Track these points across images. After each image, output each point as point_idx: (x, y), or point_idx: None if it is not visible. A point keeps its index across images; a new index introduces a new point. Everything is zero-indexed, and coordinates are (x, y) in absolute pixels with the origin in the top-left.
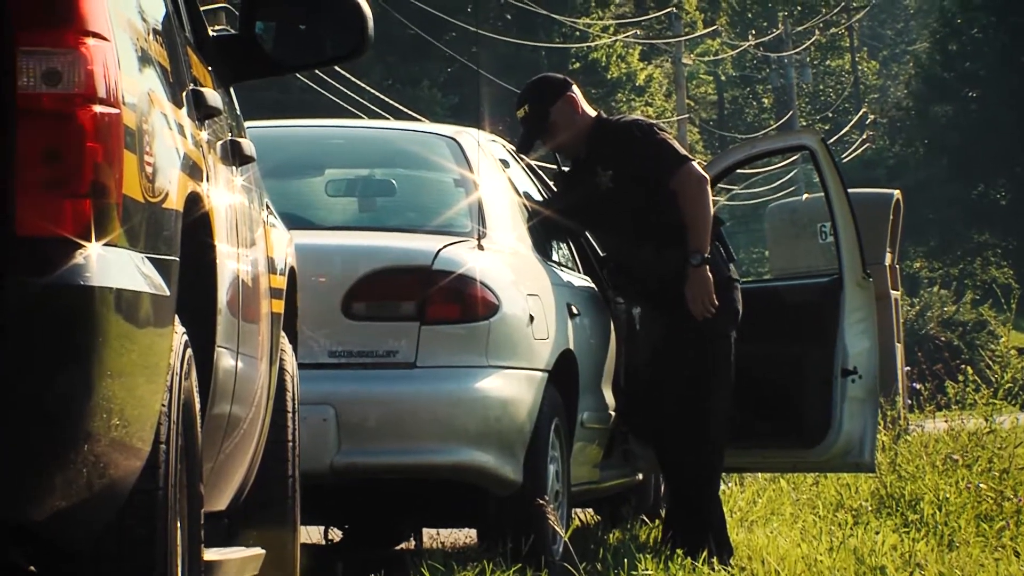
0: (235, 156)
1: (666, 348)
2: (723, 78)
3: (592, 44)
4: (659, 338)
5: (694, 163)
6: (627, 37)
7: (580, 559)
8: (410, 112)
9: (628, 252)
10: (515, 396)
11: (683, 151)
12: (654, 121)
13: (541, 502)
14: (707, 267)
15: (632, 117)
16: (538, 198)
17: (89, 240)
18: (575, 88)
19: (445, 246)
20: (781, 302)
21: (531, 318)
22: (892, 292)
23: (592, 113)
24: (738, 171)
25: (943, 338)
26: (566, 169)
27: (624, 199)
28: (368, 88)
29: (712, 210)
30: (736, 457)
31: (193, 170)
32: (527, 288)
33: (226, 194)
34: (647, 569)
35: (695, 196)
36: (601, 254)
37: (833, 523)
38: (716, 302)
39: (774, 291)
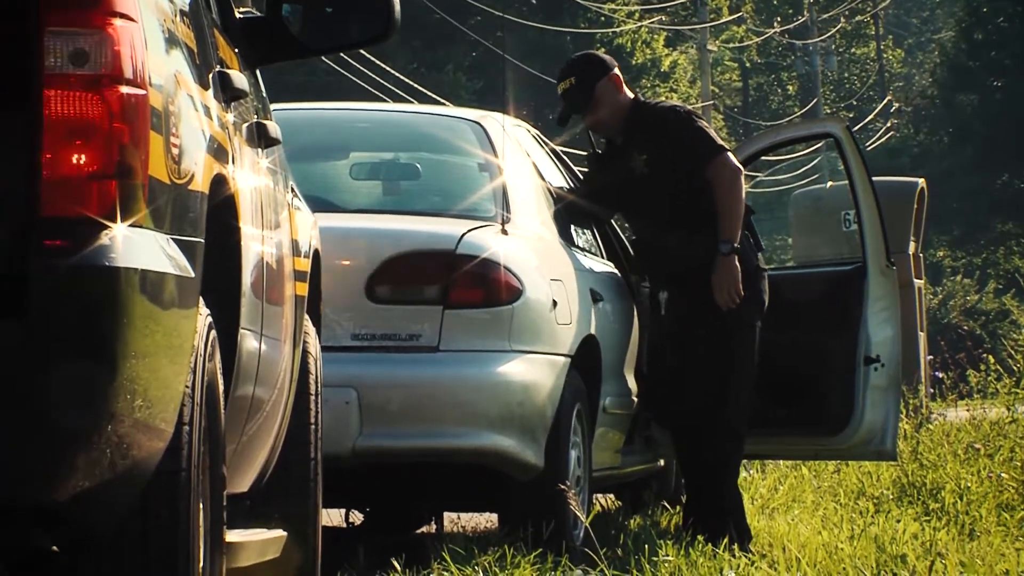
0: (260, 138)
1: (690, 334)
2: (748, 65)
3: (617, 30)
4: (684, 323)
5: (729, 153)
6: (652, 23)
7: (601, 545)
8: (435, 96)
9: (659, 237)
10: (537, 381)
11: (719, 140)
12: (692, 108)
13: (562, 487)
14: (736, 257)
15: (671, 103)
16: (562, 183)
17: (114, 221)
18: (617, 69)
19: (469, 230)
20: (805, 290)
21: (554, 303)
22: (916, 281)
23: (631, 96)
24: (763, 158)
25: (966, 327)
26: (600, 152)
27: (658, 184)
28: (393, 72)
29: (742, 199)
30: (758, 444)
31: (219, 152)
32: (550, 273)
33: (251, 176)
34: (668, 555)
35: (729, 186)
36: (632, 237)
37: (854, 511)
38: (742, 292)
39: (798, 278)
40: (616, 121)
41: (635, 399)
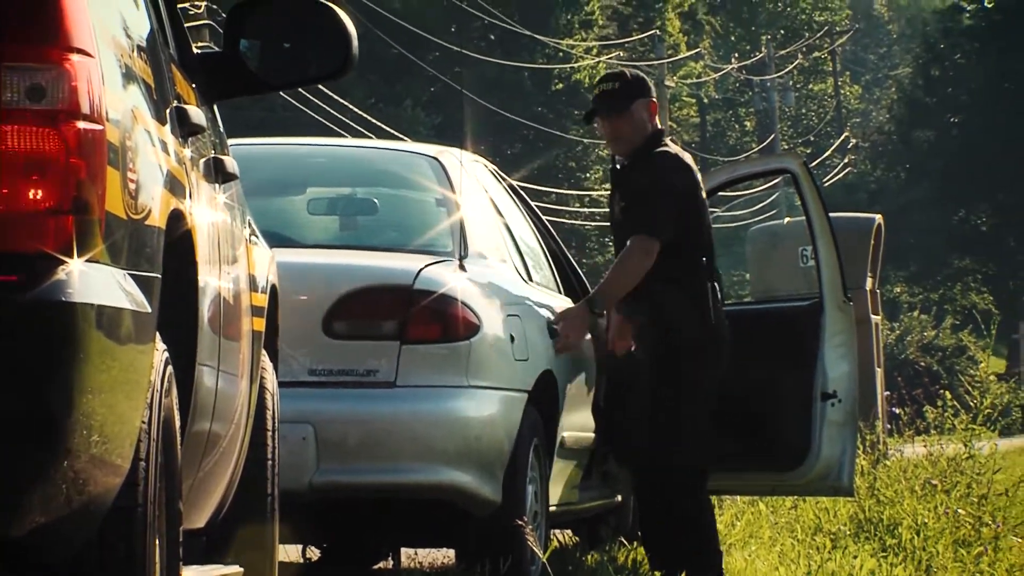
0: (218, 173)
1: (635, 363)
2: (706, 101)
3: (575, 65)
4: (640, 353)
5: (652, 240)
6: (610, 59)
7: None
8: (393, 131)
9: None
10: (495, 416)
11: (658, 222)
12: (678, 176)
13: (519, 523)
14: (594, 315)
15: (666, 160)
16: (519, 219)
17: (71, 256)
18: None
19: (426, 266)
20: (762, 325)
21: (511, 338)
22: (872, 316)
23: (656, 129)
24: (720, 194)
25: (923, 363)
26: (613, 168)
27: (624, 230)
28: (351, 107)
29: (632, 284)
30: (715, 480)
31: (176, 187)
32: (508, 308)
33: (208, 211)
34: None
35: (630, 262)
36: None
37: (811, 547)
38: (577, 346)
39: (755, 314)
40: (631, 144)
41: (592, 434)
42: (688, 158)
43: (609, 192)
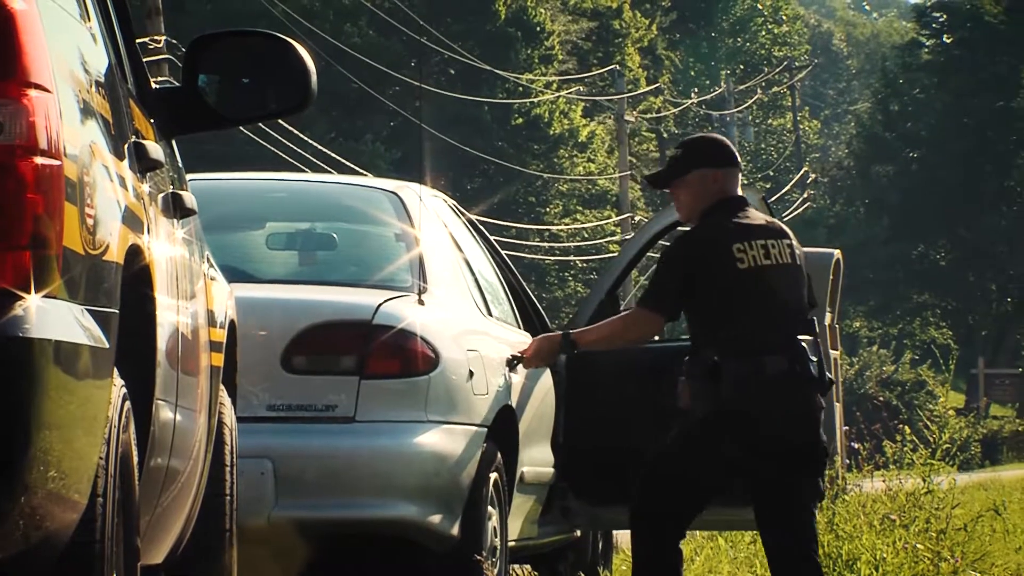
0: (176, 209)
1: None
2: (665, 135)
3: (535, 100)
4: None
5: (647, 311)
6: (570, 93)
7: None
8: (353, 166)
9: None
10: (454, 451)
11: (654, 293)
12: (681, 246)
13: (479, 558)
14: (564, 350)
15: (685, 232)
16: (479, 254)
17: (28, 292)
18: (731, 171)
19: (385, 300)
20: None
21: (471, 373)
22: (832, 351)
23: (717, 200)
24: (678, 228)
25: (882, 397)
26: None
27: None
28: (311, 141)
29: (615, 345)
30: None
31: (134, 222)
32: (467, 343)
33: (167, 247)
34: None
35: (620, 324)
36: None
37: None
38: (530, 365)
39: None
40: (689, 216)
41: (552, 469)
42: (720, 232)
43: None
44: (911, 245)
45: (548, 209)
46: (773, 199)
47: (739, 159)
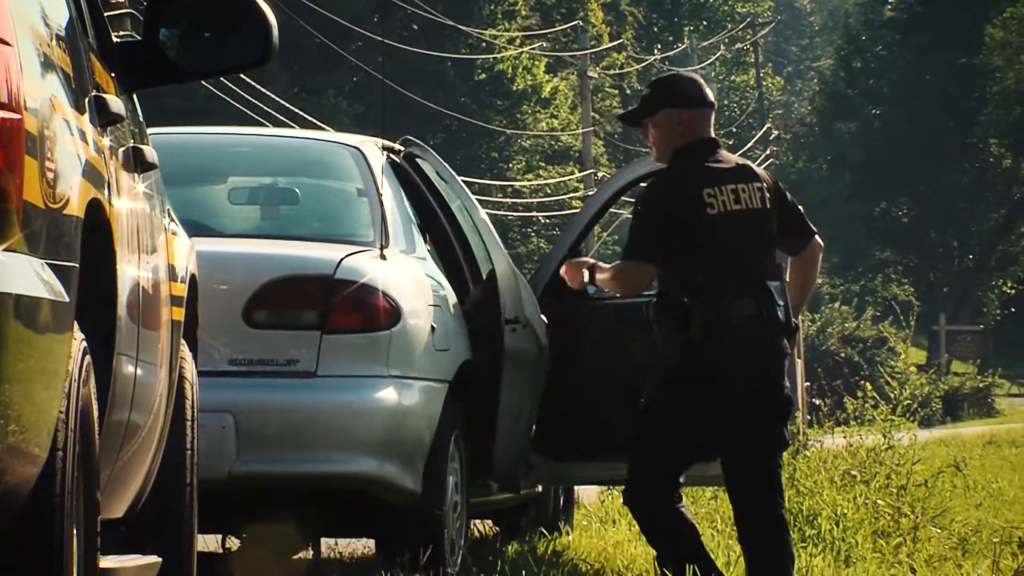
0: (137, 163)
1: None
2: (628, 92)
3: (498, 56)
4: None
5: (637, 263)
6: (533, 49)
7: (478, 571)
8: (315, 121)
9: None
10: (415, 406)
11: (639, 243)
12: (653, 192)
13: (439, 513)
14: (582, 282)
15: (655, 179)
16: (439, 210)
17: None
18: (700, 112)
19: (348, 255)
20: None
21: (432, 328)
22: None
23: (687, 142)
24: (641, 184)
25: (843, 354)
26: None
27: None
28: (273, 96)
29: (616, 289)
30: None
31: (94, 176)
32: (429, 299)
33: (127, 201)
34: None
35: (616, 278)
36: None
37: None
38: (571, 283)
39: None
40: (660, 156)
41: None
42: (690, 177)
43: None
44: (873, 202)
45: (511, 165)
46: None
47: (712, 99)
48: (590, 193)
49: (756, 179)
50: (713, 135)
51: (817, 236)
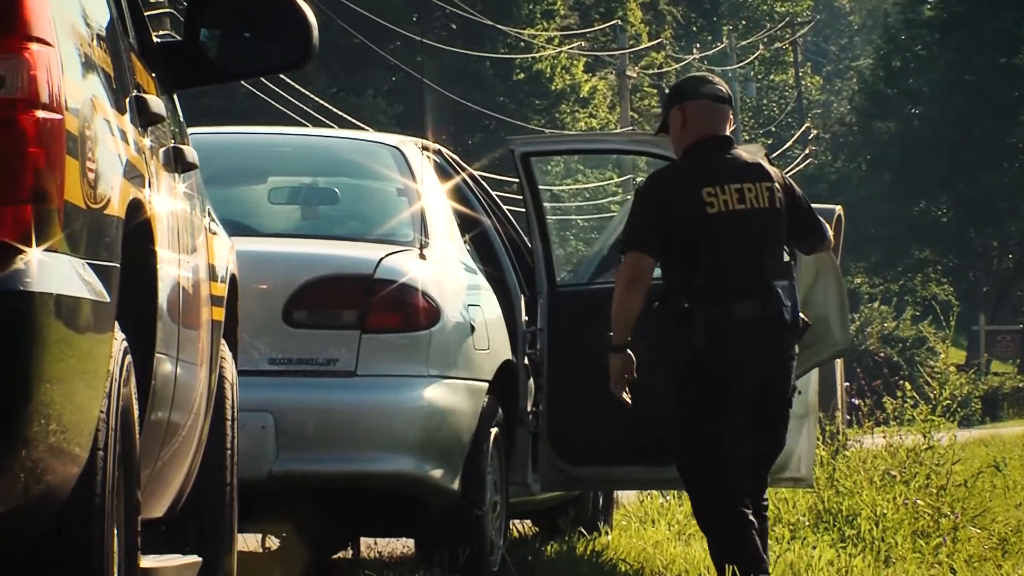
0: (178, 163)
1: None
2: (667, 91)
3: (537, 55)
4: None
5: (634, 255)
6: (572, 49)
7: (517, 571)
8: (354, 121)
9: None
10: (455, 406)
11: (635, 236)
12: (651, 182)
13: (479, 513)
14: (620, 356)
15: (655, 172)
16: (480, 209)
17: (29, 245)
18: (701, 105)
19: (387, 255)
20: None
21: (472, 328)
22: None
23: (697, 139)
24: None
25: (883, 354)
26: None
27: None
28: (312, 96)
29: (629, 306)
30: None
31: (135, 176)
32: (468, 298)
33: (168, 201)
34: None
35: (618, 287)
36: None
37: (771, 538)
38: (627, 391)
39: None
40: (677, 156)
41: None
42: (691, 174)
43: None
44: (913, 201)
45: (550, 167)
46: (775, 155)
47: (721, 93)
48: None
49: (766, 178)
50: (727, 133)
51: (830, 237)
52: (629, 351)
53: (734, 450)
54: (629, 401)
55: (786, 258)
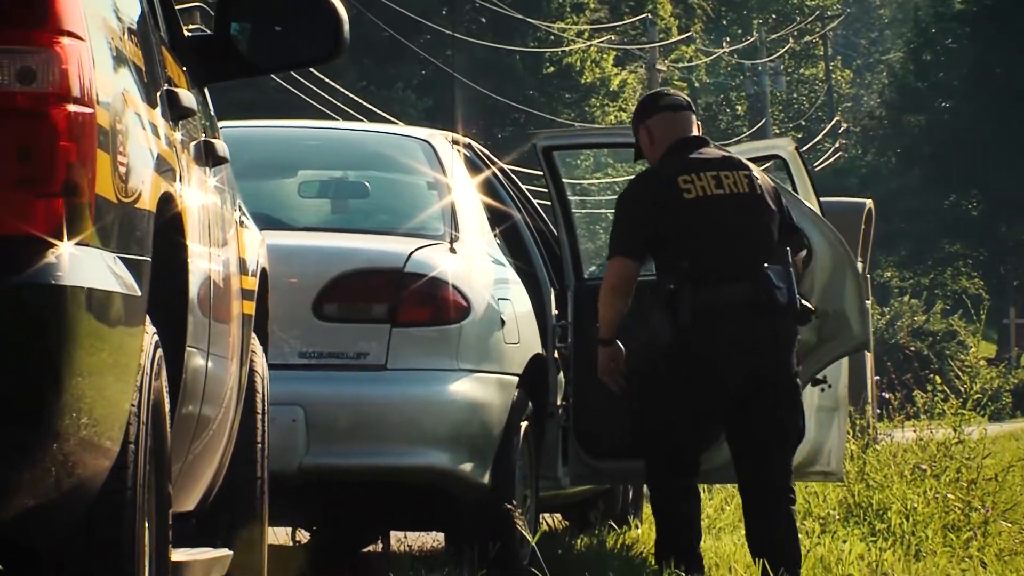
0: (208, 156)
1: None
2: (697, 85)
3: (567, 49)
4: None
5: (617, 259)
6: (601, 42)
7: (548, 564)
8: (384, 114)
9: None
10: (485, 400)
11: (620, 239)
12: (637, 189)
13: (509, 507)
14: (609, 348)
15: (633, 178)
16: (510, 203)
17: (61, 239)
18: (662, 117)
19: (417, 248)
20: None
21: (502, 322)
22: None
23: (666, 146)
24: None
25: (913, 348)
26: None
27: None
28: (342, 90)
29: (614, 308)
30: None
31: (166, 170)
32: (499, 292)
33: (199, 194)
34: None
35: (604, 289)
36: None
37: (801, 531)
38: (620, 381)
39: None
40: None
41: None
42: (665, 168)
43: None
44: (943, 195)
45: (579, 161)
46: (805, 148)
47: (679, 101)
48: None
49: (743, 167)
50: (696, 134)
51: (806, 251)
52: (619, 343)
53: (696, 434)
54: (618, 390)
55: (803, 252)
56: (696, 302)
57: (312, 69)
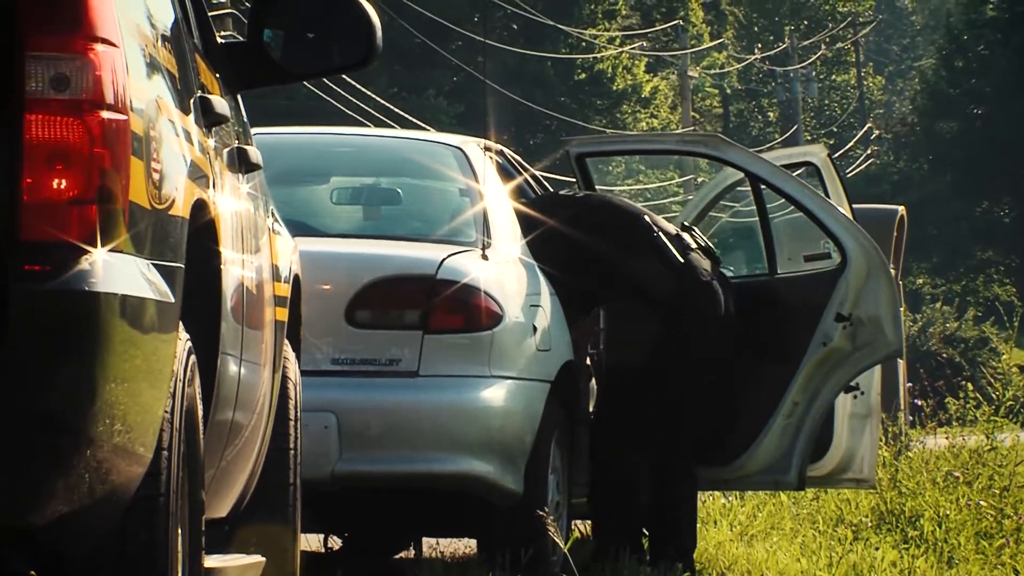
0: (241, 163)
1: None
2: (728, 91)
3: (598, 55)
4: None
5: None
6: (633, 49)
7: (579, 571)
8: (416, 121)
9: None
10: (517, 407)
11: None
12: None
13: (541, 513)
14: None
15: None
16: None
17: (95, 246)
18: None
19: (449, 255)
20: None
21: (534, 329)
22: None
23: None
24: (738, 188)
25: (945, 355)
26: None
27: None
28: (374, 96)
29: None
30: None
31: (199, 177)
32: (530, 299)
33: (232, 201)
34: None
35: None
36: None
37: (833, 538)
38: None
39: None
40: None
41: None
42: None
43: None
44: (975, 202)
45: (611, 167)
46: (837, 155)
47: None
48: (689, 198)
49: None
50: None
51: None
52: None
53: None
54: None
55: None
56: None
57: (344, 76)
